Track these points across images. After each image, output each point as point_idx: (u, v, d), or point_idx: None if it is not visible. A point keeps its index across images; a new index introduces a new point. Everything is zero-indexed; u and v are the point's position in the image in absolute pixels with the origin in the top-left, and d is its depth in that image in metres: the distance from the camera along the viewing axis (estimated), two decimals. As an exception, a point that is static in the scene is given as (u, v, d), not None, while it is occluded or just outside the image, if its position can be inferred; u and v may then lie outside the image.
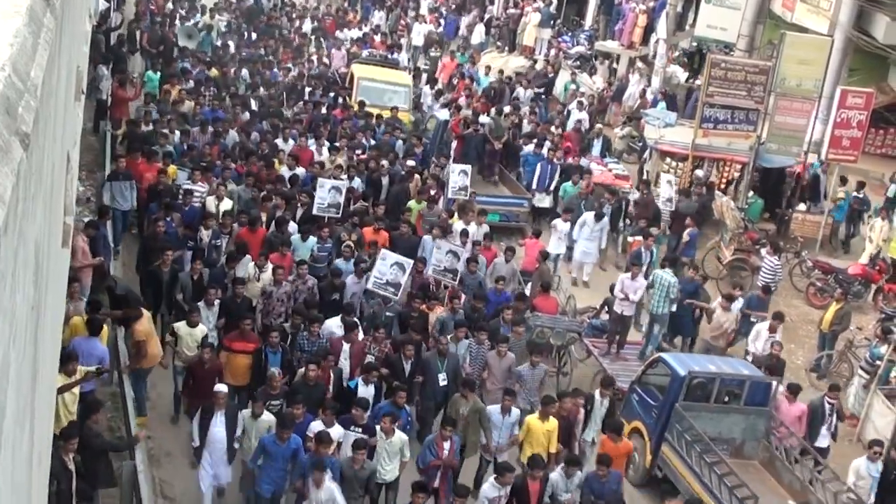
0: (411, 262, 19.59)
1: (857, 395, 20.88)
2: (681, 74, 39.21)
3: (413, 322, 18.70)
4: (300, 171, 24.57)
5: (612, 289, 22.22)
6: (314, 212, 22.25)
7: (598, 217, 25.00)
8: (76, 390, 13.86)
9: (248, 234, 20.79)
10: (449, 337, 18.13)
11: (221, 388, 14.97)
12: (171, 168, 23.16)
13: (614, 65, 41.67)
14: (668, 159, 29.98)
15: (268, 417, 14.90)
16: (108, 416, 16.30)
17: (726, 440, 17.82)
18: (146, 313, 16.81)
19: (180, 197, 21.95)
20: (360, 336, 17.79)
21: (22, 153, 4.53)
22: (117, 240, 21.60)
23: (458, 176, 25.54)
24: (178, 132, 25.58)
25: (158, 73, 31.18)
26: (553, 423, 16.13)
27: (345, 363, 17.12)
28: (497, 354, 17.89)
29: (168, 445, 16.73)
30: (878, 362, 20.87)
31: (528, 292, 21.76)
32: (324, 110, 30.41)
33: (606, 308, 21.90)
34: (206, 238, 20.70)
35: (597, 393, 17.51)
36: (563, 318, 21.22)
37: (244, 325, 16.86)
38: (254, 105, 30.30)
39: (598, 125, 34.10)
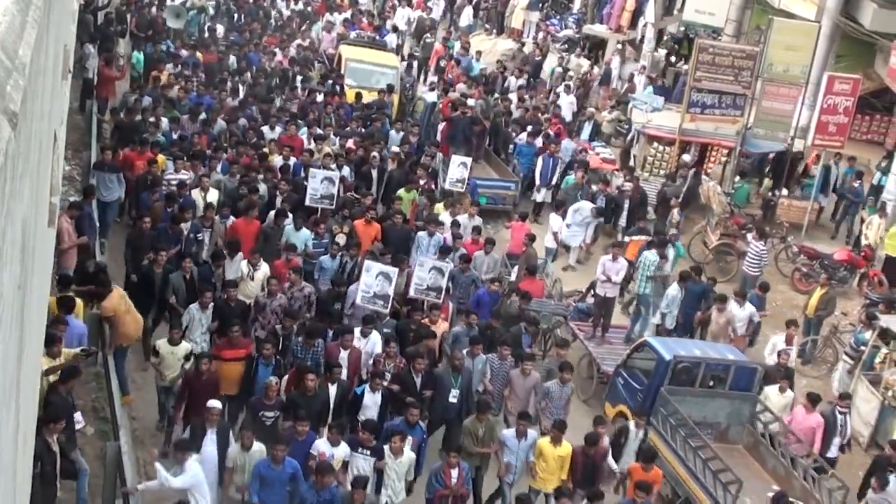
0: (395, 270, 18.37)
1: (842, 380, 20.92)
2: (667, 59, 39.20)
3: (414, 334, 17.71)
4: (293, 160, 23.93)
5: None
6: (307, 202, 21.63)
7: (598, 212, 25.08)
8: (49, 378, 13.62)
9: (243, 227, 20.04)
10: (465, 352, 17.04)
11: (215, 404, 14.11)
12: (161, 158, 22.46)
13: (583, 53, 41.33)
14: (655, 144, 30.02)
15: (258, 447, 13.78)
16: (92, 398, 16.27)
17: (711, 424, 17.87)
18: (117, 289, 16.43)
19: (165, 186, 21.19)
20: (372, 344, 16.98)
21: (10, 132, 4.50)
22: (104, 231, 20.96)
23: (457, 168, 25.02)
24: (165, 119, 24.93)
25: (142, 54, 30.79)
26: (566, 448, 15.39)
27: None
28: (521, 373, 17.01)
29: (152, 426, 16.66)
30: (862, 348, 20.94)
31: (514, 276, 21.71)
32: (320, 98, 29.65)
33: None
34: (185, 231, 19.70)
35: (631, 424, 16.65)
36: (549, 301, 21.22)
37: (232, 332, 15.98)
38: (241, 91, 29.70)
39: (590, 109, 34.03)
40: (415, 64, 37.60)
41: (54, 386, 13.22)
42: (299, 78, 32.03)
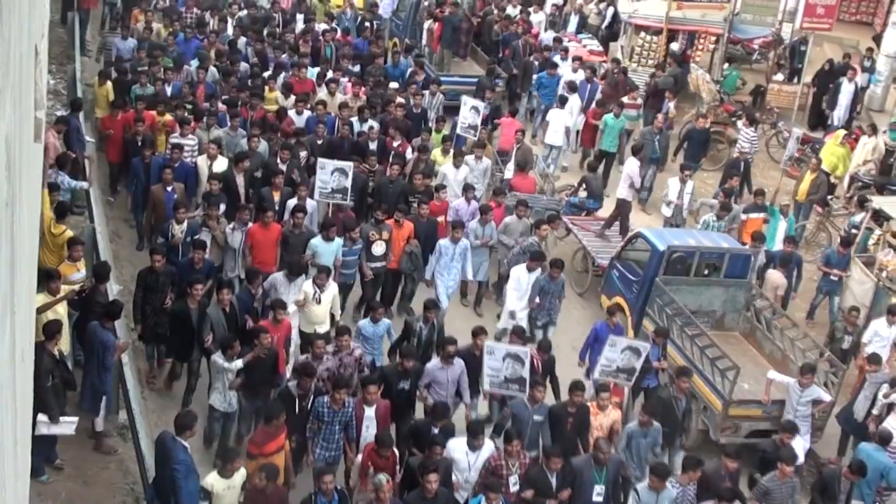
0: (527, 350, 14.24)
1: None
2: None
3: (573, 420, 13.98)
4: (307, 115, 21.24)
5: (589, 167, 22.26)
6: (315, 198, 18.29)
7: (571, 87, 24.80)
8: (59, 308, 13.24)
9: (261, 234, 16.77)
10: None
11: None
12: (167, 116, 20.00)
13: None
14: (642, 33, 29.76)
15: None
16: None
17: (707, 313, 17.98)
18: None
19: (169, 152, 18.89)
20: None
21: (-14, 47, 4.43)
22: None
23: (468, 111, 21.91)
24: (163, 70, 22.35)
25: None
26: None
27: (368, 434, 13.19)
28: None
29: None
30: (854, 231, 20.98)
31: (507, 174, 21.62)
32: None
33: (584, 186, 21.87)
34: (179, 234, 16.54)
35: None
36: (542, 196, 21.16)
37: (276, 420, 12.43)
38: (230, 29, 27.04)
39: (579, 1, 33.63)
40: None
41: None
42: (300, 16, 29.25)
